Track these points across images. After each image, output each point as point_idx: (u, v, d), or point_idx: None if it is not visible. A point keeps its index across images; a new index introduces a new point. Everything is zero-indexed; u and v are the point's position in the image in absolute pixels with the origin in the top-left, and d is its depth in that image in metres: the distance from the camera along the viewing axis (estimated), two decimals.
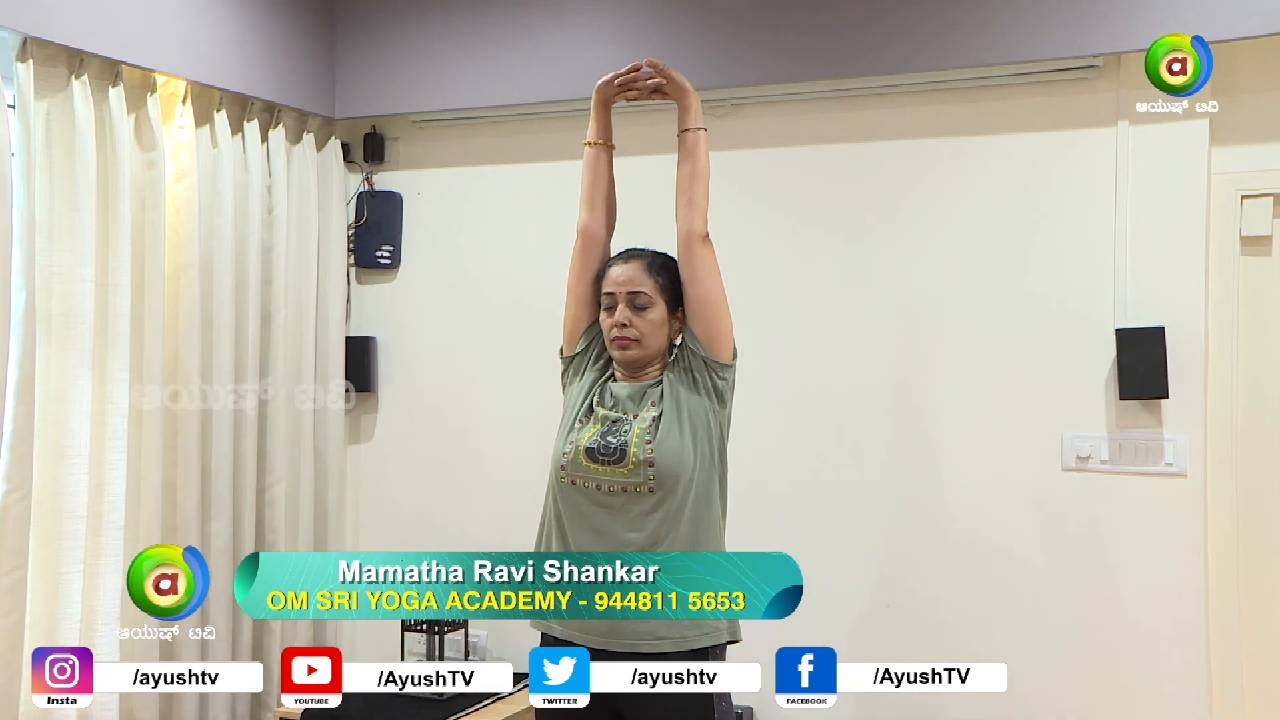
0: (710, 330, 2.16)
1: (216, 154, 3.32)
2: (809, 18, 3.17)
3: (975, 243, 3.13)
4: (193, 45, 3.21)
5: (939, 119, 3.18)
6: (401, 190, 3.82)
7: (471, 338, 3.72)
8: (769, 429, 3.28)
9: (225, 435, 3.32)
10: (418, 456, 3.78)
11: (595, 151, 2.29)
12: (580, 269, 2.27)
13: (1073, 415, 3.01)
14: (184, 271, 3.21)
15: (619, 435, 2.12)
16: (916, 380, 3.18)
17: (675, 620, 2.02)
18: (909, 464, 3.19)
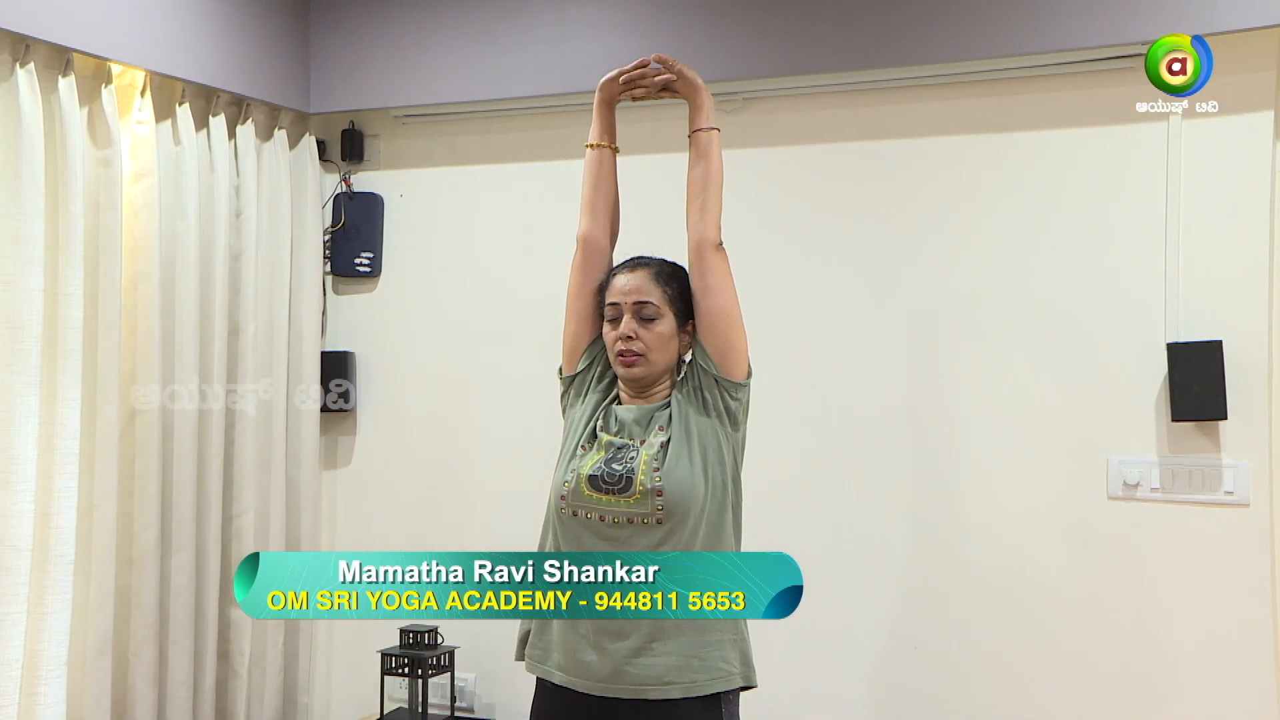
0: (723, 346, 2.16)
1: (179, 152, 3.30)
2: (828, 4, 3.16)
3: (1010, 249, 3.12)
4: (153, 31, 3.18)
5: (971, 114, 3.17)
6: (382, 192, 3.81)
7: (460, 354, 3.70)
8: (783, 454, 3.26)
9: (188, 461, 3.30)
10: (401, 484, 3.77)
11: (598, 154, 2.28)
12: (581, 281, 2.27)
13: (1119, 438, 3.00)
14: (143, 281, 3.19)
15: (624, 462, 2.12)
16: (945, 400, 3.17)
17: (683, 665, 2.04)
18: (936, 493, 3.17)
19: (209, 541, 3.39)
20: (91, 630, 3.02)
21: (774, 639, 2.98)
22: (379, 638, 3.54)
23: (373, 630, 3.63)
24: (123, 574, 3.15)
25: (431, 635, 3.45)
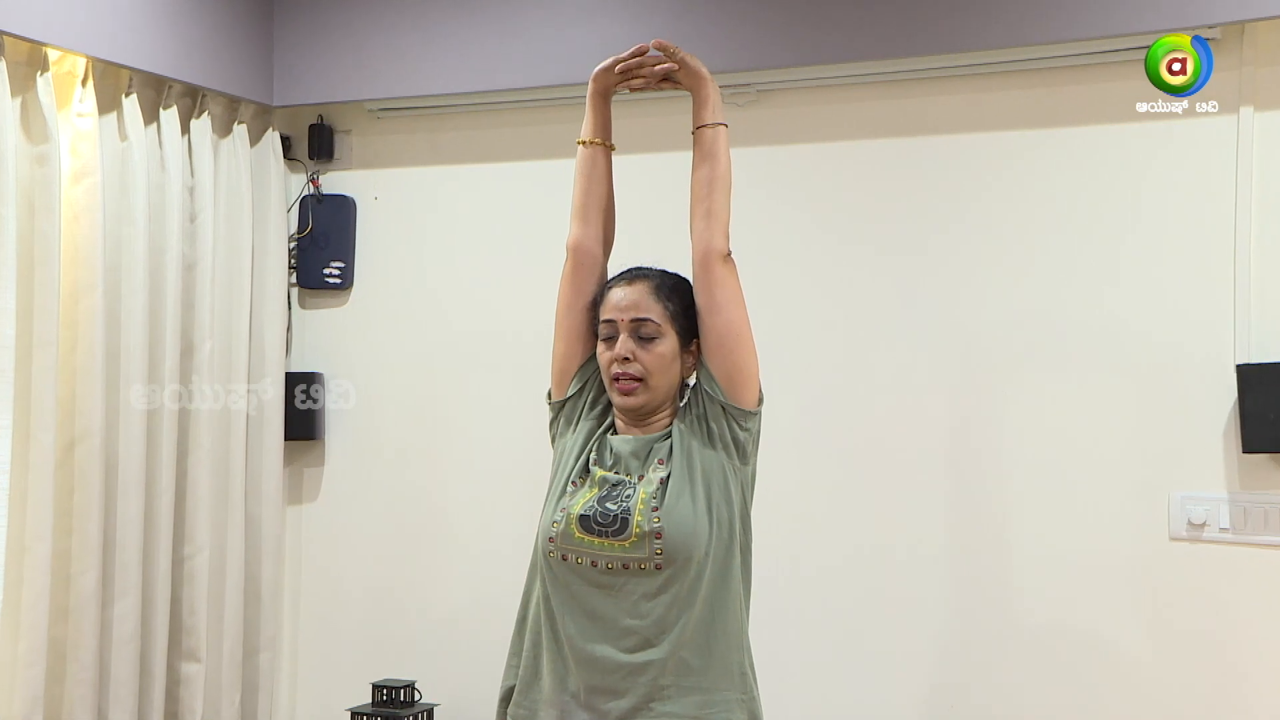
0: (731, 369, 2.14)
1: (125, 148, 3.30)
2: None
3: (1055, 259, 3.11)
4: (95, 13, 3.17)
5: (1010, 107, 3.17)
6: (354, 194, 3.82)
7: (440, 376, 3.70)
8: (802, 492, 3.26)
9: (134, 495, 3.28)
10: (373, 521, 3.77)
11: (591, 152, 2.28)
12: (571, 295, 2.26)
13: (1183, 472, 2.99)
14: (85, 293, 3.18)
15: (620, 501, 2.10)
16: (984, 431, 3.17)
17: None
18: (976, 536, 3.16)
19: (157, 587, 3.37)
20: (19, 690, 3.00)
21: (790, 702, 2.97)
22: (349, 694, 3.55)
23: (342, 685, 3.63)
24: (57, 624, 3.13)
25: (408, 691, 3.44)
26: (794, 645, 3.23)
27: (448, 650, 3.61)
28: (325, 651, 3.81)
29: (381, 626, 3.72)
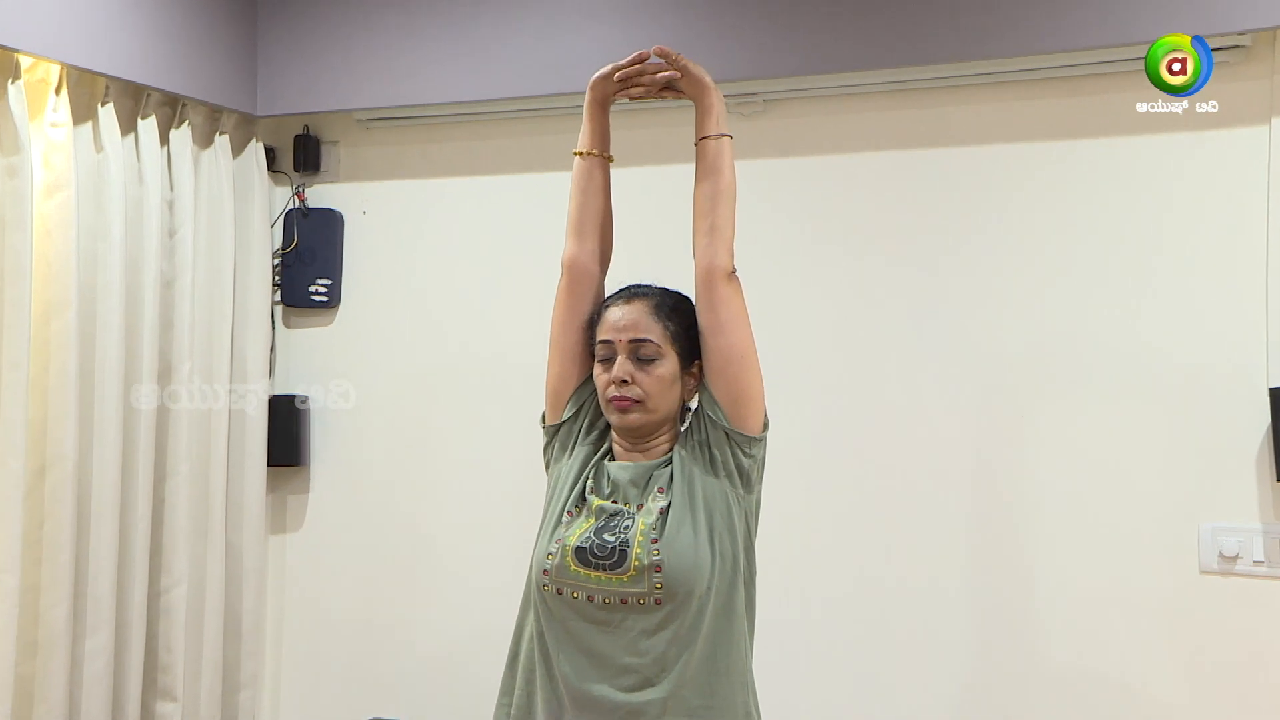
0: (735, 393, 2.14)
1: (101, 159, 3.30)
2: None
3: (1078, 277, 3.10)
4: (71, 18, 3.17)
5: (1030, 118, 3.17)
6: (342, 208, 3.83)
7: (431, 399, 3.71)
8: (809, 523, 3.26)
9: (107, 524, 3.27)
10: (359, 551, 3.77)
11: (588, 164, 2.29)
12: (566, 313, 2.27)
13: (1214, 501, 2.98)
14: (57, 312, 3.17)
15: (618, 532, 2.11)
16: (1002, 458, 3.16)
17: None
18: (995, 570, 3.15)
19: (131, 621, 3.35)
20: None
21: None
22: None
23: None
24: (24, 661, 3.11)
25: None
26: (801, 685, 3.22)
27: (437, 688, 3.60)
28: (309, 689, 3.80)
29: (368, 663, 3.71)
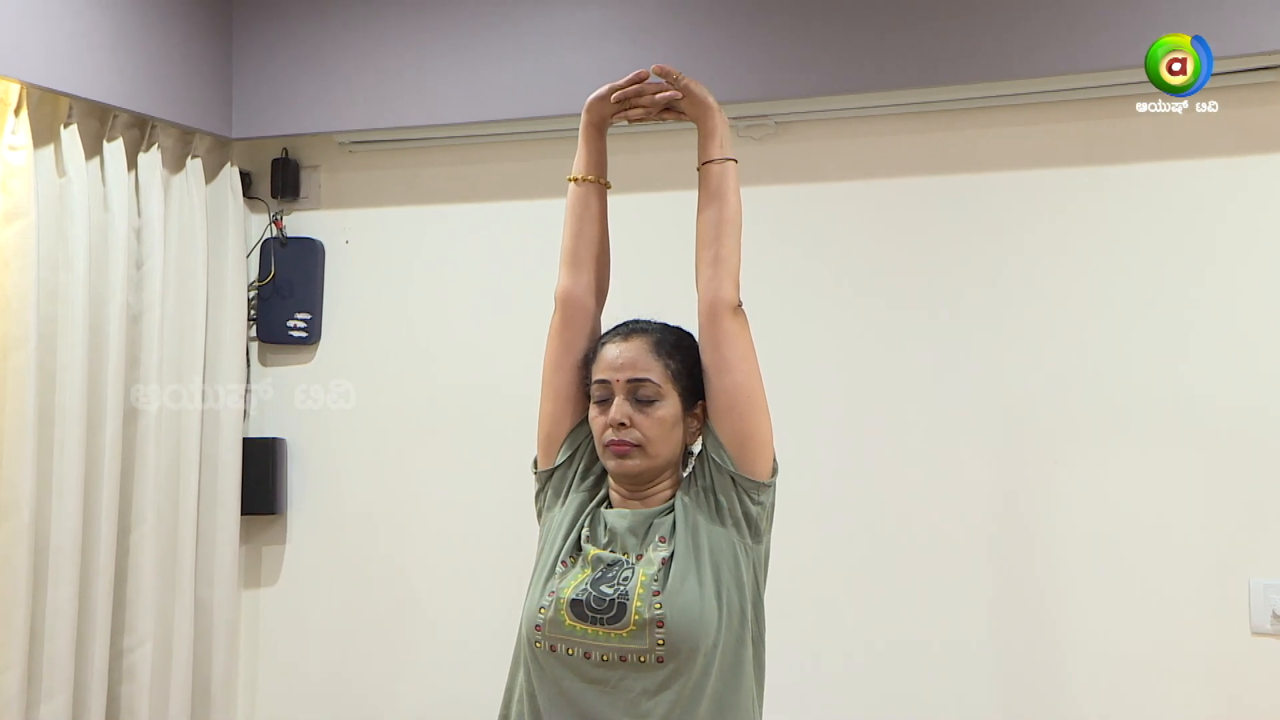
0: (742, 435, 2.14)
1: (64, 185, 3.31)
2: (880, 7, 3.17)
3: (1115, 313, 3.11)
4: (30, 34, 3.18)
5: (1061, 141, 3.18)
6: (323, 237, 3.84)
7: (416, 442, 3.71)
8: (821, 577, 3.26)
9: (67, 578, 3.25)
10: (338, 607, 3.76)
11: (584, 191, 2.31)
12: (560, 351, 2.28)
13: (1264, 556, 2.98)
14: (15, 348, 3.17)
15: (616, 583, 2.11)
16: (1033, 508, 3.16)
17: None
18: (1025, 630, 3.14)
19: (91, 684, 3.33)
20: None
21: None
22: None
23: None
24: None
25: None
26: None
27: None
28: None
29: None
